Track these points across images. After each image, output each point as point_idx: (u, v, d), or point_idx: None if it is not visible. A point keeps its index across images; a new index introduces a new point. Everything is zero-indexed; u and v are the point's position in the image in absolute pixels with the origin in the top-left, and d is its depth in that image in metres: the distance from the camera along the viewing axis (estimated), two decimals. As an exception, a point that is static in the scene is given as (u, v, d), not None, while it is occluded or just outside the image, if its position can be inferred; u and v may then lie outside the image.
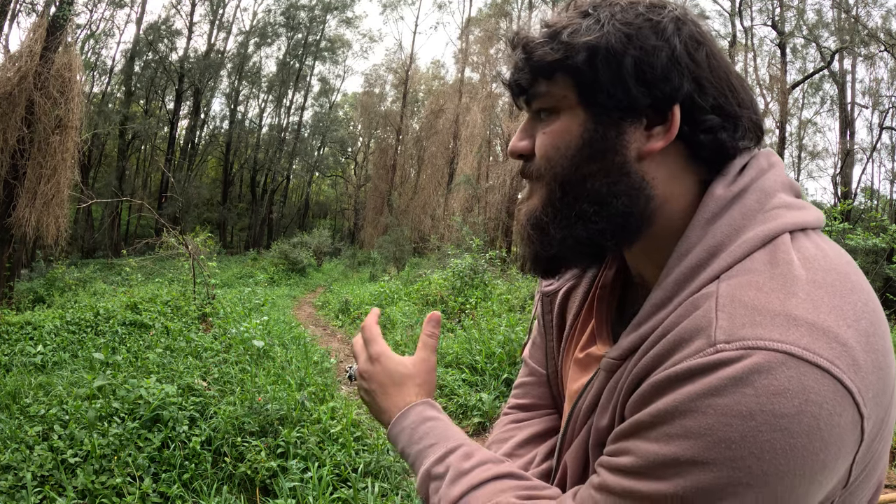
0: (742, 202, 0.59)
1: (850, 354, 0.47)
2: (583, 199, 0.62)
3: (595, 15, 0.60)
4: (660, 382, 0.51)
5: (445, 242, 15.95)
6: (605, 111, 0.60)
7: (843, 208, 8.90)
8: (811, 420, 0.45)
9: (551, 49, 0.60)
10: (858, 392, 0.46)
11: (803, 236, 0.57)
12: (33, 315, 6.72)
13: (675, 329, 0.54)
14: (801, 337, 0.47)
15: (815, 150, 26.06)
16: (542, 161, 0.65)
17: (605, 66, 0.58)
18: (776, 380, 0.45)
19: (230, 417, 3.28)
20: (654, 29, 0.59)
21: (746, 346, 0.47)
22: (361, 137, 37.63)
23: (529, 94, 0.65)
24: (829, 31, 19.56)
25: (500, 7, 25.57)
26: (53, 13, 9.59)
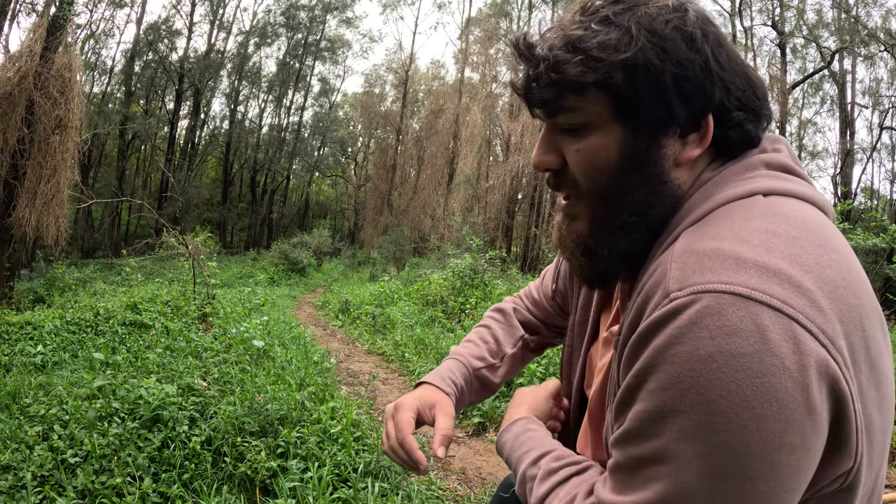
0: (721, 175, 0.61)
1: (807, 296, 0.47)
2: (624, 211, 0.62)
3: (619, 23, 0.59)
4: (634, 343, 0.54)
5: (445, 242, 15.95)
6: (643, 126, 0.60)
7: (843, 208, 8.90)
8: (774, 360, 0.45)
9: (585, 66, 0.58)
10: (822, 333, 0.46)
11: (783, 198, 0.57)
12: (33, 315, 6.72)
13: (643, 290, 0.56)
14: (748, 278, 0.47)
15: (815, 150, 26.07)
16: (581, 178, 0.64)
17: (645, 83, 0.58)
18: (728, 320, 0.46)
19: (230, 417, 3.28)
20: (685, 39, 0.58)
21: (696, 290, 0.49)
22: (361, 137, 37.65)
23: (553, 108, 0.63)
24: (829, 31, 19.56)
25: (500, 7, 25.56)
26: (53, 13, 9.59)
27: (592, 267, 0.68)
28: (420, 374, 5.27)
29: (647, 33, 0.58)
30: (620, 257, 0.64)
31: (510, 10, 25.65)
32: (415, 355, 6.04)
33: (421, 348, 6.26)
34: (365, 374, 5.58)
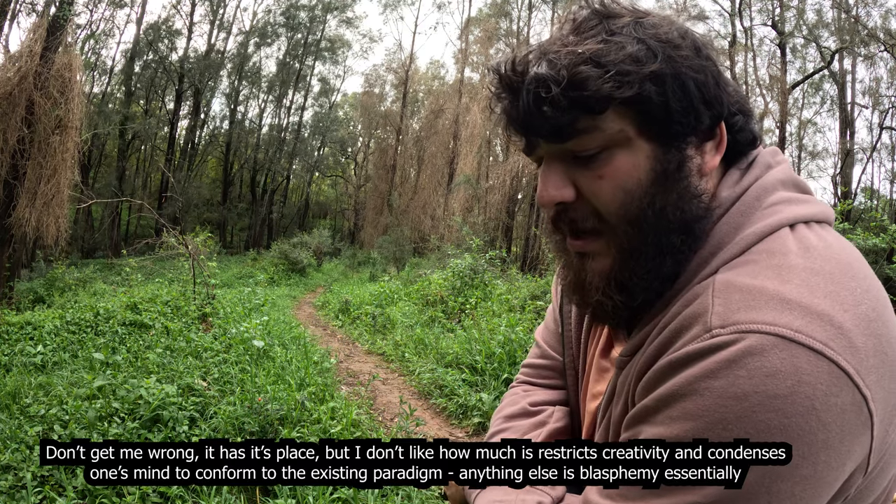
0: (742, 201, 0.60)
1: (846, 336, 0.47)
2: (669, 232, 0.59)
3: (632, 35, 0.57)
4: (662, 368, 0.53)
5: (445, 242, 15.96)
6: (672, 138, 0.58)
7: (843, 208, 8.89)
8: (805, 400, 0.45)
9: (617, 81, 0.55)
10: (856, 373, 0.47)
11: (805, 228, 0.58)
12: (33, 315, 6.72)
13: (677, 318, 0.56)
14: (793, 320, 0.48)
15: (815, 150, 26.04)
16: (607, 207, 0.59)
17: (675, 93, 0.56)
18: (768, 361, 0.46)
19: (230, 417, 3.28)
20: (693, 47, 0.59)
21: (740, 329, 0.49)
22: (361, 137, 37.65)
23: (566, 133, 0.58)
24: (829, 31, 19.55)
25: (500, 7, 25.56)
26: (53, 13, 9.59)
27: (629, 302, 0.62)
28: (420, 375, 5.27)
29: (662, 43, 0.57)
30: (662, 283, 0.61)
31: (510, 10, 25.66)
32: (415, 355, 6.04)
33: (421, 348, 6.26)
34: (365, 374, 5.58)
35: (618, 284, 0.62)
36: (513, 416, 0.84)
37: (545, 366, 0.90)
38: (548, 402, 0.85)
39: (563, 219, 0.63)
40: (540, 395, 0.87)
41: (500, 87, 0.62)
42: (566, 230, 0.64)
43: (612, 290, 0.62)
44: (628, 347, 0.63)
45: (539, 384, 0.90)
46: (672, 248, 0.59)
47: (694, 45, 0.59)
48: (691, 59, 0.58)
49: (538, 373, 0.90)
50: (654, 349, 0.57)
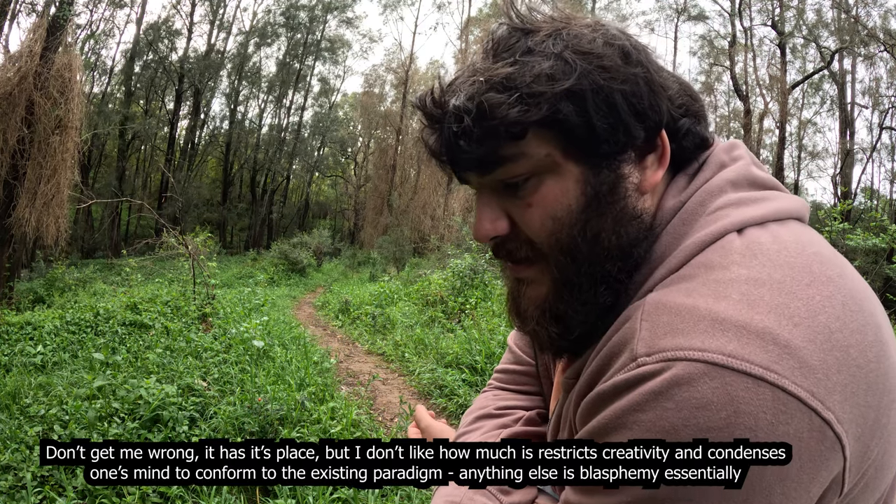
0: (684, 209, 0.56)
1: (795, 356, 0.43)
2: (604, 260, 0.55)
3: (547, 51, 0.52)
4: (593, 400, 0.51)
5: (445, 242, 15.95)
6: (601, 158, 0.54)
7: (843, 208, 8.91)
8: (745, 432, 0.42)
9: (525, 104, 0.51)
10: (811, 395, 0.42)
11: (757, 230, 0.52)
12: (33, 315, 6.72)
13: (608, 344, 0.52)
14: (726, 343, 0.43)
15: (815, 150, 26.07)
16: (538, 236, 0.56)
17: (598, 109, 0.52)
18: (698, 392, 0.42)
19: (230, 417, 3.28)
20: (620, 54, 0.53)
21: (665, 357, 0.45)
22: (361, 137, 37.65)
23: (489, 163, 0.55)
24: (828, 31, 19.56)
25: (499, 7, 25.56)
26: (53, 13, 9.59)
27: (566, 335, 0.58)
28: (420, 375, 5.28)
29: (582, 55, 0.52)
30: (602, 313, 0.56)
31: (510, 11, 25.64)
32: (415, 355, 6.04)
33: (421, 348, 6.26)
34: (365, 374, 5.58)
35: (553, 315, 0.58)
36: (479, 417, 0.82)
37: (518, 371, 0.87)
38: (518, 407, 0.82)
39: (501, 250, 0.60)
40: (510, 399, 0.84)
41: (425, 120, 0.58)
42: (505, 258, 0.61)
43: (547, 321, 0.59)
44: (571, 370, 0.60)
45: (511, 389, 0.87)
46: (607, 276, 0.55)
47: (622, 51, 0.53)
48: (616, 68, 0.52)
49: (511, 378, 0.87)
50: (588, 376, 0.54)
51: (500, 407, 0.82)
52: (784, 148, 20.05)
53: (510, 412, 0.81)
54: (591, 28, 0.55)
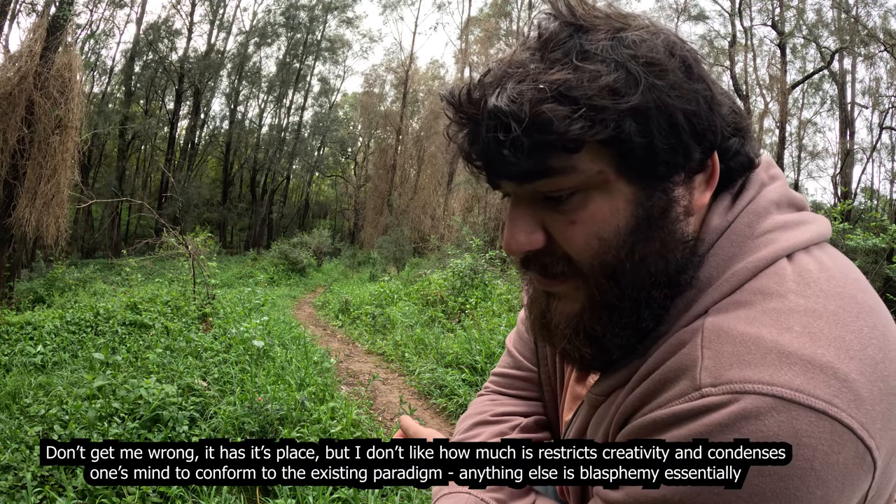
0: (732, 230, 0.55)
1: (852, 389, 0.44)
2: (650, 286, 0.53)
3: (607, 57, 0.48)
4: (645, 425, 0.50)
5: (445, 242, 15.96)
6: (656, 179, 0.51)
7: (843, 208, 8.90)
8: (804, 463, 0.42)
9: (589, 120, 0.47)
10: (861, 426, 0.43)
11: (804, 256, 0.53)
12: (33, 315, 6.72)
13: (661, 367, 0.51)
14: (794, 377, 0.44)
15: (815, 150, 26.06)
16: (580, 255, 0.53)
17: (660, 129, 0.49)
18: (765, 426, 0.43)
19: (230, 417, 3.28)
20: (682, 67, 0.50)
21: (734, 389, 0.44)
22: (361, 137, 37.65)
23: (534, 174, 0.51)
24: (828, 31, 19.56)
25: (500, 7, 25.57)
26: (53, 13, 9.59)
27: (601, 356, 0.57)
28: (420, 375, 5.28)
29: (646, 67, 0.48)
30: (640, 336, 0.55)
31: (510, 10, 25.66)
32: (415, 355, 6.04)
33: (421, 348, 6.27)
34: (365, 374, 5.58)
35: (588, 336, 0.56)
36: (476, 424, 0.80)
37: (517, 376, 0.84)
38: (515, 413, 0.81)
39: (532, 264, 0.57)
40: (508, 405, 0.82)
41: (456, 118, 0.54)
42: (536, 272, 0.58)
43: (581, 341, 0.56)
44: (603, 387, 0.59)
45: (509, 394, 0.85)
46: (653, 302, 0.53)
47: (684, 64, 0.51)
48: (680, 84, 0.49)
49: (509, 382, 0.85)
50: (636, 398, 0.53)
51: (498, 413, 0.81)
52: (784, 148, 20.06)
53: (508, 419, 0.80)
54: (650, 32, 0.51)
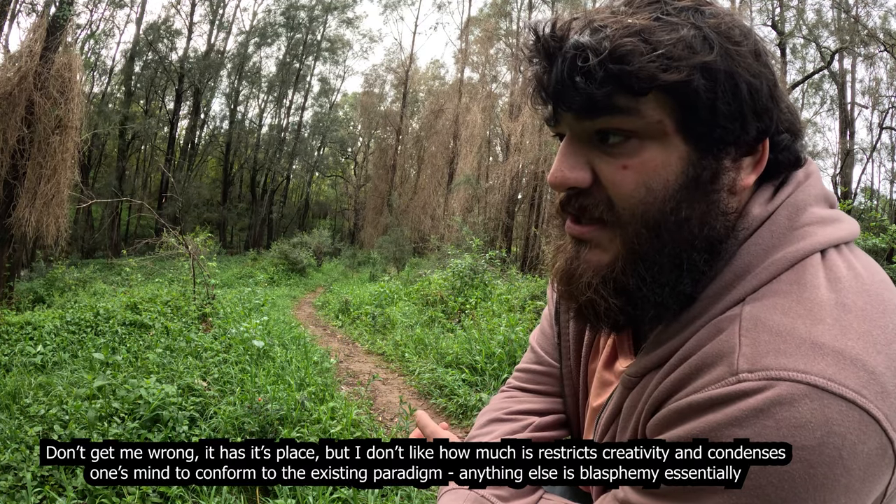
0: (773, 220, 0.56)
1: (879, 381, 0.46)
2: (692, 247, 0.54)
3: (686, 21, 0.52)
4: (681, 409, 0.51)
5: (445, 242, 15.95)
6: (711, 143, 0.53)
7: (843, 208, 8.89)
8: (832, 451, 0.44)
9: (664, 62, 0.49)
10: (885, 418, 0.45)
11: (835, 253, 0.55)
12: (33, 315, 6.72)
13: (698, 353, 0.52)
14: (826, 367, 0.46)
15: (815, 151, 26.02)
16: (624, 202, 0.54)
17: (725, 92, 0.51)
18: (798, 412, 0.45)
19: (230, 417, 3.28)
20: (752, 51, 0.53)
21: (770, 376, 0.46)
22: (361, 137, 37.64)
23: (598, 108, 0.52)
24: (828, 31, 19.55)
25: (500, 7, 25.57)
26: (53, 13, 9.59)
27: (626, 310, 0.57)
28: (420, 375, 5.28)
29: (721, 36, 0.52)
30: (678, 301, 0.56)
31: (510, 10, 25.66)
32: (415, 355, 6.04)
33: (421, 348, 6.26)
34: (365, 374, 5.58)
35: (617, 286, 0.56)
36: (491, 421, 0.82)
37: (539, 371, 0.86)
38: (532, 412, 0.82)
39: (572, 204, 0.58)
40: (526, 402, 0.83)
41: (535, 50, 0.55)
42: (571, 214, 0.59)
43: (608, 291, 0.57)
44: (637, 368, 0.60)
45: (530, 389, 0.86)
46: (693, 265, 0.55)
47: (755, 47, 0.54)
48: (749, 60, 0.52)
49: (531, 378, 0.87)
50: (671, 382, 0.54)
51: (514, 411, 0.82)
52: (784, 148, 20.04)
53: (523, 417, 0.81)
54: (730, 15, 0.55)
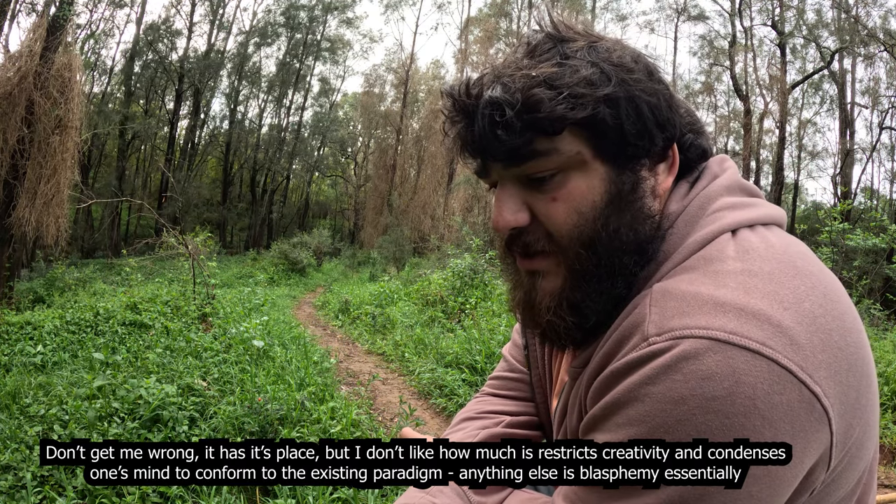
0: (686, 212, 0.62)
1: (786, 334, 0.47)
2: (623, 253, 0.59)
3: (584, 59, 0.57)
4: (606, 378, 0.55)
5: (445, 242, 15.95)
6: (626, 160, 0.59)
7: (843, 208, 8.91)
8: (745, 400, 0.46)
9: (571, 103, 0.55)
10: (801, 370, 0.47)
11: (749, 231, 0.59)
12: (33, 315, 6.72)
13: (619, 328, 0.57)
14: (727, 322, 0.48)
15: (815, 150, 26.03)
16: (561, 229, 0.60)
17: (628, 115, 0.57)
18: (703, 365, 0.47)
19: (230, 417, 3.28)
20: (646, 71, 0.60)
21: (675, 335, 0.49)
22: (361, 137, 37.64)
23: (522, 156, 0.58)
24: (828, 31, 19.55)
25: (500, 7, 25.57)
26: (53, 13, 9.59)
27: (582, 323, 0.62)
28: (420, 374, 5.28)
29: (616, 67, 0.58)
30: (615, 303, 0.60)
31: (510, 10, 25.66)
32: (415, 355, 6.04)
33: (421, 348, 6.26)
34: (365, 374, 5.58)
35: (570, 305, 0.61)
36: (463, 419, 0.88)
37: (512, 378, 0.92)
38: (504, 412, 0.87)
39: (516, 242, 0.63)
40: (498, 405, 0.89)
41: (454, 110, 0.61)
42: (518, 252, 0.64)
43: (564, 311, 0.62)
44: (580, 360, 0.65)
45: (502, 395, 0.92)
46: (625, 269, 0.60)
47: (647, 69, 0.60)
48: (644, 82, 0.58)
49: (503, 384, 0.92)
50: (599, 359, 0.58)
51: (486, 411, 0.88)
52: (784, 148, 20.05)
53: (494, 416, 0.86)
54: (619, 45, 0.61)
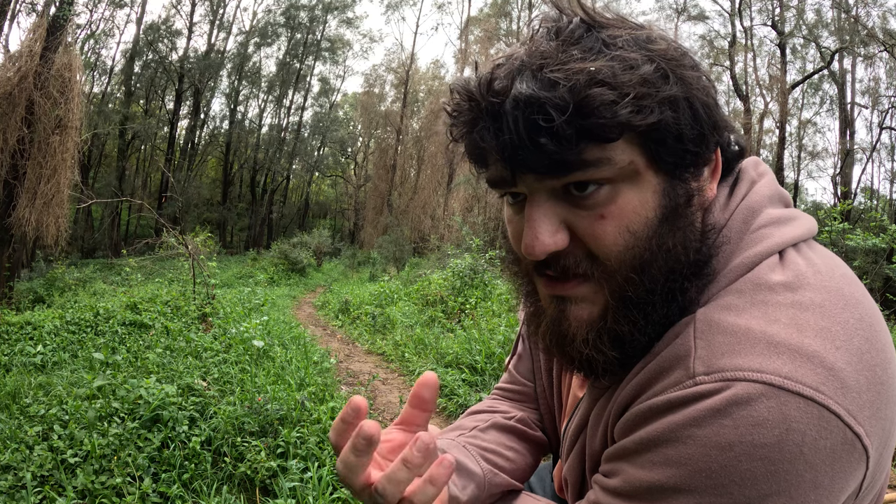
0: (729, 226, 0.56)
1: (838, 377, 0.45)
2: (680, 276, 0.52)
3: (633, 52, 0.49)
4: (643, 412, 0.51)
5: (445, 242, 15.95)
6: (682, 169, 0.52)
7: (843, 208, 8.91)
8: (793, 447, 0.44)
9: (636, 106, 0.47)
10: (848, 413, 0.45)
11: (794, 253, 0.55)
12: (33, 315, 6.71)
13: (657, 358, 0.52)
14: (783, 365, 0.45)
15: (815, 150, 26.05)
16: (608, 251, 0.51)
17: (686, 118, 0.50)
18: (755, 411, 0.44)
19: (230, 417, 3.28)
20: (693, 66, 0.52)
21: (726, 377, 0.46)
22: (361, 137, 37.64)
23: (565, 167, 0.49)
24: (828, 31, 19.55)
25: (500, 7, 25.57)
26: (53, 13, 9.59)
27: (625, 360, 0.55)
28: (420, 375, 5.27)
29: (671, 63, 0.50)
30: (662, 328, 0.54)
31: (510, 10, 25.67)
32: (415, 355, 6.04)
33: (421, 348, 6.27)
34: (365, 374, 5.58)
35: (613, 338, 0.53)
36: (472, 412, 0.87)
37: (516, 391, 0.89)
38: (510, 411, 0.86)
39: (553, 266, 0.54)
40: (506, 406, 0.87)
41: (471, 111, 0.51)
42: (553, 275, 0.55)
43: (605, 345, 0.54)
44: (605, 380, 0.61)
45: (510, 399, 0.91)
46: (683, 294, 0.53)
47: (692, 61, 0.53)
48: (695, 79, 0.51)
49: (507, 395, 0.91)
50: (633, 387, 0.54)
51: (492, 406, 0.87)
52: (784, 148, 20.05)
53: (501, 413, 0.85)
54: (658, 33, 0.53)
